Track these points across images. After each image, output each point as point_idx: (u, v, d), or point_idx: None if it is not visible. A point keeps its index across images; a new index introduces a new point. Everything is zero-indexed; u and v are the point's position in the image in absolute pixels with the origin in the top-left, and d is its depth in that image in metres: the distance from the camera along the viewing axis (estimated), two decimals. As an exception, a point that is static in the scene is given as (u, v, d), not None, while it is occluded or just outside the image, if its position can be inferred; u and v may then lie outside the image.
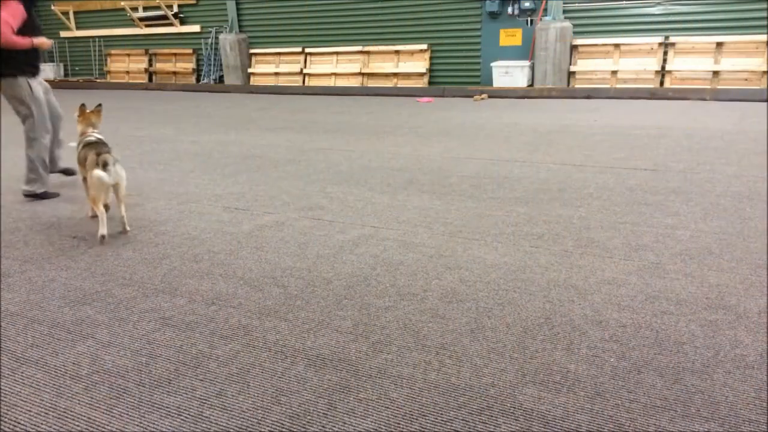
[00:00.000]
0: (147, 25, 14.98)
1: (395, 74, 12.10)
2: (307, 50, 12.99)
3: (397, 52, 12.09)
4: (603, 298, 2.80)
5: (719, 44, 9.58)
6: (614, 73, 10.25)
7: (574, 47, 10.45)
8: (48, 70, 16.15)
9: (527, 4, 10.46)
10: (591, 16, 10.39)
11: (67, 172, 5.43)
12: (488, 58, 11.06)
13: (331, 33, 12.71)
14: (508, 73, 10.61)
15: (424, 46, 11.74)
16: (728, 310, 2.65)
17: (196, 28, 14.31)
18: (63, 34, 16.66)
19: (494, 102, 9.93)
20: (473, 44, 11.34)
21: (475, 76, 11.47)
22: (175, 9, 14.41)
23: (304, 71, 13.01)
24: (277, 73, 13.34)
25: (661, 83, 10.01)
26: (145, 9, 14.91)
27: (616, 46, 10.21)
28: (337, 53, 12.71)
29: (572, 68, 10.45)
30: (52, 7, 16.11)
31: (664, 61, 9.98)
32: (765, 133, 6.32)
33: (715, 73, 9.63)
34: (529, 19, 10.67)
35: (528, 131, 7.02)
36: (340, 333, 2.58)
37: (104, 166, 3.75)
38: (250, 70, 13.56)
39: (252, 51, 13.59)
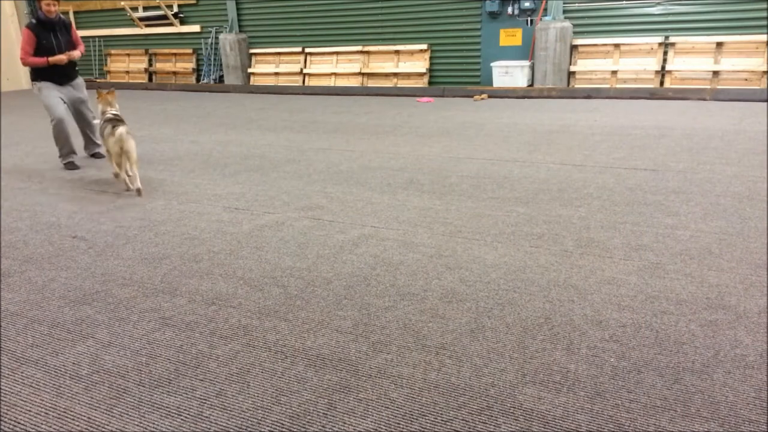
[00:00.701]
0: (147, 25, 14.98)
1: (395, 74, 12.10)
2: (307, 50, 12.99)
3: (397, 52, 12.09)
4: (603, 298, 2.80)
5: (719, 44, 9.58)
6: (614, 73, 10.25)
7: (574, 47, 10.45)
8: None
9: (527, 4, 10.45)
10: (591, 16, 10.38)
11: (97, 155, 6.53)
12: (488, 58, 11.06)
13: (331, 33, 12.71)
14: (508, 73, 10.61)
15: (424, 46, 11.74)
16: (728, 310, 2.65)
17: (196, 28, 14.31)
18: (63, 34, 16.64)
19: (494, 102, 9.93)
20: (473, 44, 11.34)
21: (475, 76, 11.47)
22: (175, 9, 14.41)
23: (304, 71, 13.01)
24: (277, 73, 13.34)
25: (661, 83, 10.01)
26: (145, 9, 14.90)
27: (616, 46, 10.21)
28: (337, 53, 12.70)
29: (572, 68, 10.45)
30: (52, 7, 16.09)
31: (664, 61, 9.98)
32: (765, 133, 6.32)
33: (715, 73, 9.63)
34: (529, 19, 10.67)
35: (528, 131, 7.02)
36: (340, 333, 2.58)
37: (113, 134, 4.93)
38: (250, 70, 13.55)
39: (252, 51, 13.59)
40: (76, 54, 6.02)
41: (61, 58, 5.83)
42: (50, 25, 5.85)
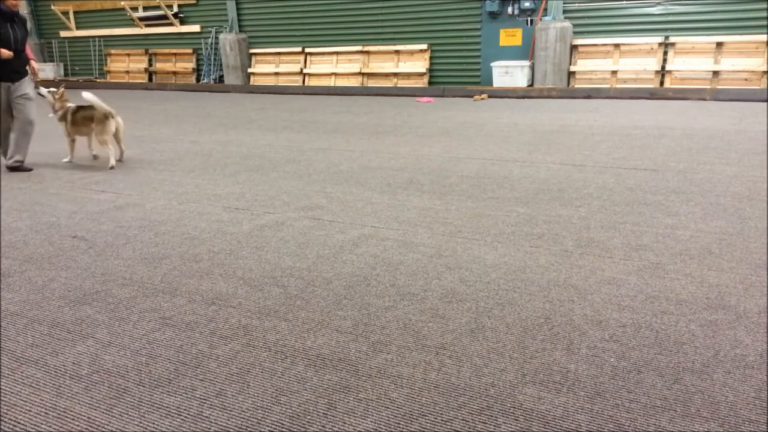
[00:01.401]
0: (147, 25, 14.98)
1: (395, 74, 12.10)
2: (307, 50, 13.00)
3: (397, 52, 12.10)
4: (603, 298, 2.80)
5: (719, 44, 9.59)
6: (614, 73, 10.25)
7: (574, 47, 10.46)
8: (48, 70, 16.17)
9: (527, 4, 10.46)
10: (591, 16, 10.39)
11: (19, 167, 5.95)
12: (488, 58, 11.07)
13: (331, 33, 12.71)
14: (508, 73, 10.61)
15: (424, 46, 11.75)
16: (728, 310, 2.65)
17: (196, 28, 14.31)
18: (63, 34, 16.67)
19: (494, 102, 9.93)
20: (473, 44, 11.34)
21: (475, 76, 11.47)
22: (175, 9, 14.41)
23: (304, 71, 13.01)
24: (277, 73, 13.34)
25: (661, 83, 10.01)
26: (145, 9, 14.91)
27: (616, 46, 10.22)
28: (337, 53, 12.71)
29: (572, 68, 10.45)
30: (52, 7, 16.12)
31: (664, 61, 9.98)
32: (765, 133, 6.32)
33: (715, 73, 9.63)
34: (529, 19, 10.67)
35: (528, 131, 7.02)
36: (340, 333, 2.58)
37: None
38: (250, 70, 13.56)
39: (252, 51, 13.59)
40: (36, 68, 5.92)
41: (7, 53, 5.46)
42: (9, 17, 5.58)
